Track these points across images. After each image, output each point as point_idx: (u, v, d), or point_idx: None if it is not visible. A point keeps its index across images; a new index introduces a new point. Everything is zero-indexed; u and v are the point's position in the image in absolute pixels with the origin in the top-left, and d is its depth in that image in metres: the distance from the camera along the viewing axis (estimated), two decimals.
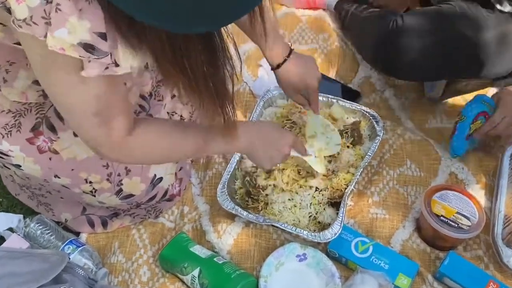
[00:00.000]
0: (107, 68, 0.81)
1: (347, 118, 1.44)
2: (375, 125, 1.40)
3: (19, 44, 0.89)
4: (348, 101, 1.46)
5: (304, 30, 1.81)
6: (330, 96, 1.46)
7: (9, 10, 0.76)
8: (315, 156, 1.29)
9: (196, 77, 0.79)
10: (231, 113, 0.91)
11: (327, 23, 1.82)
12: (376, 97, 1.59)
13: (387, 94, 1.59)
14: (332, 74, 1.68)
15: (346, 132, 1.39)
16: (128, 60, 0.82)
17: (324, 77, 1.66)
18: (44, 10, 0.74)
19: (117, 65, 0.82)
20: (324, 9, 1.84)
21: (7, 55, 0.98)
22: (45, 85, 0.89)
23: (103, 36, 0.77)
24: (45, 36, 0.76)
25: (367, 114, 1.42)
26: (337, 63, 1.70)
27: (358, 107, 1.44)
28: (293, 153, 1.21)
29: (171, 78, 0.80)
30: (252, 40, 1.27)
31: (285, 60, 1.26)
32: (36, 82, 1.03)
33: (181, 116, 1.35)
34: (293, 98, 1.35)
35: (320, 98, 1.44)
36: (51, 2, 0.74)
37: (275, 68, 1.27)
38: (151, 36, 0.74)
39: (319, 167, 1.29)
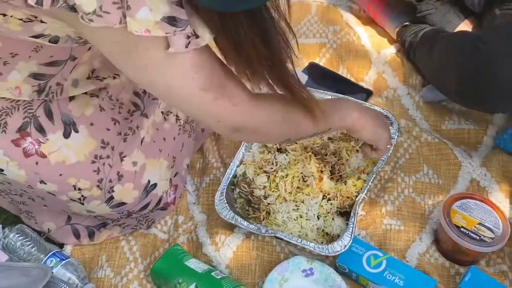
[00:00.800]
0: (189, 42, 0.83)
1: None
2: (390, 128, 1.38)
3: (36, 37, 0.91)
4: (359, 100, 1.45)
5: (313, 24, 1.80)
6: (339, 94, 1.45)
7: (73, 8, 0.77)
8: None
9: (250, 56, 0.85)
10: (301, 90, 0.96)
11: (340, 14, 1.80)
12: (388, 95, 1.58)
13: (400, 92, 1.58)
14: (342, 71, 1.67)
15: None
16: (203, 29, 0.84)
17: (333, 74, 1.66)
18: None
19: (197, 36, 0.84)
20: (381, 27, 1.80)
21: (12, 47, 0.98)
22: (135, 74, 0.89)
23: (180, 4, 0.80)
24: (120, 23, 0.77)
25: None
26: (347, 59, 1.69)
27: (370, 106, 1.43)
28: None
29: (227, 55, 0.88)
30: None
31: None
32: (33, 75, 1.03)
33: (176, 115, 1.34)
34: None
35: (328, 96, 1.45)
36: None
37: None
38: (204, 13, 0.80)
39: None
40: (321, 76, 1.65)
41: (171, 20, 0.79)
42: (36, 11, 0.86)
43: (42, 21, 0.89)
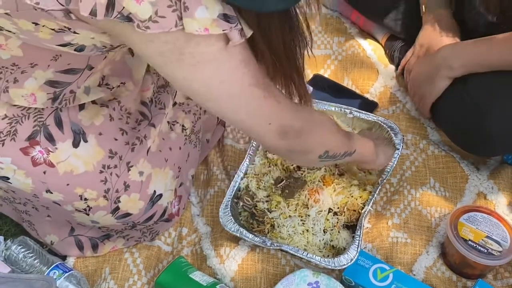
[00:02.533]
0: (242, 31, 0.87)
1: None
2: (393, 138, 1.40)
3: (63, 45, 0.93)
4: (363, 112, 1.46)
5: (317, 35, 1.82)
6: (343, 106, 1.47)
7: (128, 18, 0.79)
8: None
9: (278, 53, 0.92)
10: (305, 92, 1.04)
11: (345, 25, 1.83)
12: (396, 109, 1.60)
13: (408, 106, 1.59)
14: (347, 83, 1.69)
15: None
16: (245, 24, 0.88)
17: (338, 86, 1.68)
18: None
19: (242, 29, 0.87)
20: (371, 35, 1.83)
21: (33, 56, 1.00)
22: (185, 75, 0.90)
23: (228, 2, 0.83)
24: (176, 26, 0.80)
25: (385, 125, 1.43)
26: (353, 71, 1.71)
27: (374, 117, 1.45)
28: None
29: (261, 54, 0.92)
30: None
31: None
32: (49, 83, 1.05)
33: (183, 125, 1.36)
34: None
35: (332, 108, 1.47)
36: None
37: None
38: (244, 12, 0.85)
39: None
40: (326, 88, 1.67)
41: (226, 17, 0.83)
42: (72, 24, 0.88)
43: (75, 32, 0.90)
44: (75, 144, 1.14)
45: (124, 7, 0.78)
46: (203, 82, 0.91)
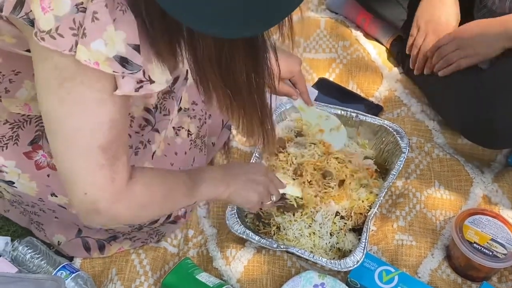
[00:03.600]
0: (141, 86, 0.83)
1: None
2: (399, 141, 1.42)
3: (29, 51, 0.91)
4: (369, 115, 1.48)
5: (322, 38, 1.83)
6: (349, 109, 1.48)
7: (32, 23, 0.78)
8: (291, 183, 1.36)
9: (238, 86, 0.85)
10: (271, 128, 0.96)
11: (349, 29, 1.85)
12: (401, 112, 1.61)
13: (414, 110, 1.61)
14: (352, 87, 1.70)
15: None
16: (161, 75, 0.85)
17: (343, 90, 1.69)
18: (73, 20, 0.76)
19: (152, 81, 0.84)
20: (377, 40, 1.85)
21: (13, 64, 1.01)
22: (52, 104, 0.86)
23: (137, 49, 0.80)
24: (70, 50, 0.77)
25: (390, 129, 1.44)
26: (358, 75, 1.72)
27: (380, 121, 1.46)
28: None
29: (212, 89, 0.85)
30: None
31: None
32: None
33: (188, 130, 1.37)
34: (280, 90, 1.34)
35: (338, 111, 1.48)
36: (83, 11, 0.76)
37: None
38: (200, 41, 0.78)
39: (297, 191, 1.34)
40: (331, 91, 1.68)
41: (123, 61, 0.79)
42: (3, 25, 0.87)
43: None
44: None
45: (31, 10, 0.77)
46: (61, 118, 0.86)
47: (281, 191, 1.30)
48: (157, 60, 0.83)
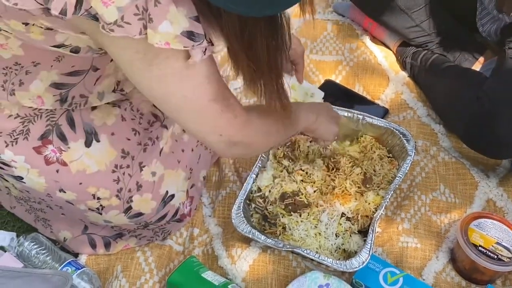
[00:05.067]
0: (206, 49, 0.88)
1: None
2: (406, 144, 1.42)
3: (58, 46, 0.94)
4: (375, 118, 1.49)
5: (329, 40, 1.85)
6: (356, 112, 1.49)
7: (95, 17, 0.81)
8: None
9: (260, 60, 0.90)
10: (285, 95, 1.02)
11: (356, 32, 1.86)
12: (407, 115, 1.62)
13: (419, 113, 1.62)
14: (358, 89, 1.71)
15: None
16: (217, 38, 0.90)
17: (349, 92, 1.70)
18: (137, 6, 0.80)
19: (212, 44, 0.89)
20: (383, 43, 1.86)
21: (34, 56, 1.02)
22: (150, 84, 0.93)
23: (197, 20, 0.85)
24: (140, 33, 0.82)
25: (397, 131, 1.45)
26: (364, 77, 1.73)
27: (387, 123, 1.47)
28: None
29: (238, 61, 0.92)
30: None
31: None
32: (55, 85, 1.07)
33: None
34: None
35: (344, 113, 1.49)
36: None
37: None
38: (225, 18, 0.84)
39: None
40: (337, 93, 1.69)
41: (190, 35, 0.84)
42: (54, 23, 0.90)
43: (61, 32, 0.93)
44: (88, 144, 1.17)
45: (91, 6, 0.80)
46: (165, 94, 0.94)
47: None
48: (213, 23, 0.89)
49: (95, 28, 0.83)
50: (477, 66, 1.68)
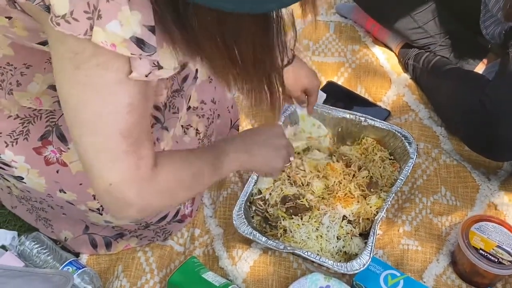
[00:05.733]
0: (150, 72, 0.83)
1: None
2: (407, 147, 1.42)
3: (43, 44, 0.92)
4: (377, 120, 1.49)
5: (331, 42, 1.85)
6: (358, 114, 1.49)
7: (48, 9, 0.78)
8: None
9: (245, 60, 0.81)
10: (277, 90, 0.90)
11: (358, 33, 1.86)
12: (408, 117, 1.63)
13: (421, 115, 1.63)
14: (360, 91, 1.72)
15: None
16: (170, 61, 0.84)
17: (351, 94, 1.71)
18: (88, 3, 0.75)
19: (160, 67, 0.83)
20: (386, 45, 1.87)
21: (25, 57, 1.01)
22: (69, 89, 0.85)
23: (152, 30, 0.79)
24: (85, 34, 0.77)
25: (399, 134, 1.45)
26: (366, 79, 1.74)
27: (389, 126, 1.47)
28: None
29: (220, 69, 0.82)
30: None
31: (293, 56, 1.30)
32: (52, 87, 1.06)
33: (196, 129, 1.38)
34: (296, 96, 1.44)
35: (346, 115, 1.49)
36: None
37: (283, 66, 1.30)
38: (201, 21, 0.75)
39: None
40: (339, 95, 1.70)
41: (140, 42, 0.78)
42: (19, 15, 0.87)
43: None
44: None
45: None
46: (80, 103, 0.85)
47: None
48: (167, 45, 0.83)
49: (46, 19, 0.79)
50: (479, 69, 1.68)
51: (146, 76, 0.83)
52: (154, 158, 0.93)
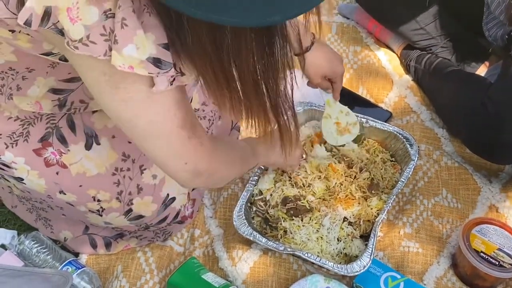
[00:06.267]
0: (174, 79, 0.85)
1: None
2: (409, 149, 1.42)
3: (46, 54, 0.92)
4: (379, 121, 1.49)
5: (333, 43, 1.85)
6: (359, 115, 1.49)
7: (61, 32, 0.79)
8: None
9: (244, 82, 0.80)
10: (288, 119, 0.91)
11: (360, 35, 1.86)
12: (410, 119, 1.62)
13: (423, 117, 1.62)
14: (362, 92, 1.71)
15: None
16: (190, 68, 0.85)
17: (353, 95, 1.70)
18: (104, 27, 0.77)
19: (182, 74, 0.86)
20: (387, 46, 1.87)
21: (28, 62, 1.01)
22: (116, 108, 0.89)
23: (166, 47, 0.81)
24: (105, 55, 0.78)
25: (400, 136, 1.45)
26: (368, 80, 1.73)
27: (390, 127, 1.47)
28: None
29: (214, 91, 0.83)
30: None
31: (312, 43, 1.32)
32: (53, 91, 1.06)
33: None
34: (317, 83, 1.41)
35: None
36: (112, 17, 0.77)
37: (303, 52, 1.32)
38: (191, 38, 0.76)
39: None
40: (341, 96, 1.68)
41: (156, 62, 0.81)
42: (31, 33, 0.88)
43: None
44: (88, 147, 1.16)
45: (59, 21, 0.78)
46: (132, 117, 0.90)
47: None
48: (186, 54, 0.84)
49: (62, 42, 0.81)
50: (481, 71, 1.68)
51: (171, 84, 0.86)
52: (208, 134, 1.05)
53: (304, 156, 1.41)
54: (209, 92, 0.85)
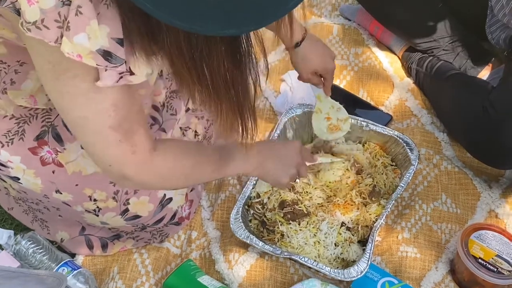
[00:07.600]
0: (121, 77, 0.85)
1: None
2: (409, 153, 1.42)
3: None
4: (379, 125, 1.48)
5: (334, 45, 1.84)
6: (360, 118, 1.49)
7: (18, 12, 0.79)
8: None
9: (215, 83, 0.81)
10: (251, 125, 0.92)
11: (362, 37, 1.85)
12: (411, 122, 1.62)
13: (423, 121, 1.62)
14: (362, 94, 1.71)
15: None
16: (143, 68, 0.86)
17: (354, 97, 1.70)
18: (59, 13, 0.77)
19: (132, 73, 0.86)
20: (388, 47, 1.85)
21: (18, 54, 1.01)
22: (54, 96, 0.90)
23: (120, 42, 0.81)
24: (56, 42, 0.79)
25: (400, 140, 1.44)
26: (368, 82, 1.73)
27: (390, 131, 1.46)
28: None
29: (187, 86, 0.83)
30: None
31: (303, 39, 1.31)
32: None
33: (195, 131, 1.38)
34: (307, 78, 1.39)
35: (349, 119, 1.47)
36: (68, 5, 0.77)
37: (293, 47, 1.32)
38: (169, 39, 0.75)
39: (328, 158, 1.43)
40: (341, 98, 1.67)
41: (106, 55, 0.81)
42: None
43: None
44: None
45: (17, 0, 0.78)
46: (67, 108, 0.91)
47: (317, 160, 1.36)
48: (139, 52, 0.84)
49: (17, 22, 0.81)
50: (484, 74, 1.68)
51: (117, 82, 0.85)
52: (152, 144, 1.00)
53: (298, 180, 1.36)
54: (181, 86, 0.85)
